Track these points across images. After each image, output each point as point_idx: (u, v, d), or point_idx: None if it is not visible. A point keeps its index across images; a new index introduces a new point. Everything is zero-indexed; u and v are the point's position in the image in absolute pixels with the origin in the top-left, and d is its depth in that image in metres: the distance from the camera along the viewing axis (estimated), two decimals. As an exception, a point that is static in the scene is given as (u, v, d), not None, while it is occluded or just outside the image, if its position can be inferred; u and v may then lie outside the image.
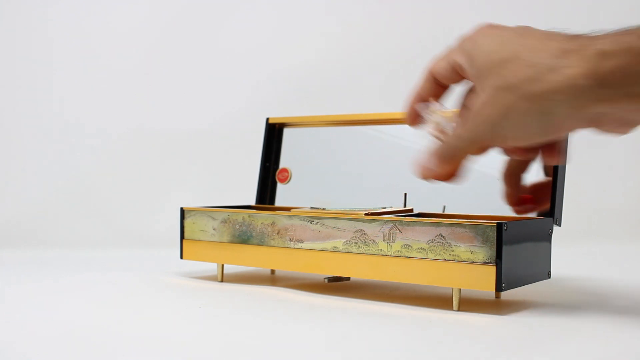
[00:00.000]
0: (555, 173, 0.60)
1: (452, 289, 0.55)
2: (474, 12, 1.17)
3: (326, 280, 0.63)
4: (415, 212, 0.67)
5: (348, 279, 0.63)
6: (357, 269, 0.59)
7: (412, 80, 0.55)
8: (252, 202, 0.81)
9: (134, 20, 1.17)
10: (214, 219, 0.68)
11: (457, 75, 0.51)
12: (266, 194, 0.79)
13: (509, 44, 0.47)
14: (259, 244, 0.65)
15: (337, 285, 0.67)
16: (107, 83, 1.16)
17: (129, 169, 1.13)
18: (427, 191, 0.67)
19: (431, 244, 0.55)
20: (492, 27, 0.49)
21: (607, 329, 0.49)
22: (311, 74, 1.18)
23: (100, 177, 1.12)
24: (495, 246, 0.52)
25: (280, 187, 0.78)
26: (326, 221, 0.60)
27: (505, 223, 0.52)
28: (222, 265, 0.69)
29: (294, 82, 1.17)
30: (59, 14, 1.15)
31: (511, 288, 0.54)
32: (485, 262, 0.52)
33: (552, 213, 0.60)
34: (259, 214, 0.65)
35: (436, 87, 0.53)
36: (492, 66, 0.47)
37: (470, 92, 0.51)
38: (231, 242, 0.67)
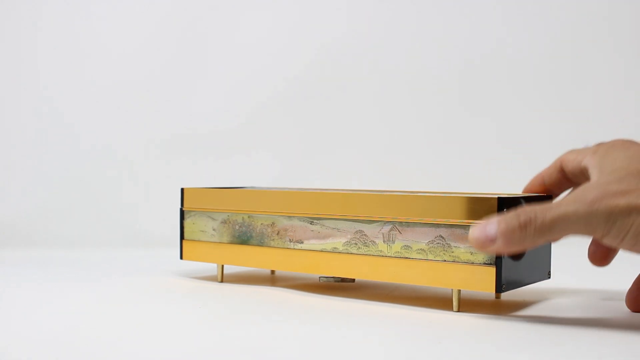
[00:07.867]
0: None
1: (452, 289, 0.55)
2: (472, 17, 1.17)
3: (321, 279, 0.62)
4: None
5: (353, 280, 0.63)
6: (357, 270, 0.59)
7: (406, 88, 0.55)
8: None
9: (133, 20, 1.17)
10: (213, 219, 0.68)
11: (582, 176, 0.52)
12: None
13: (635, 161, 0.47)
14: (258, 245, 0.65)
15: (337, 285, 0.67)
16: (106, 83, 1.16)
17: (128, 169, 1.13)
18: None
19: (431, 245, 0.55)
20: (629, 143, 0.50)
21: (607, 329, 0.49)
22: (307, 74, 1.18)
23: (100, 177, 1.12)
24: (495, 247, 0.52)
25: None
26: (326, 222, 0.60)
27: (505, 224, 0.52)
28: (222, 266, 0.69)
29: (291, 82, 1.17)
30: (57, 15, 1.15)
31: (511, 289, 0.54)
32: (485, 263, 0.52)
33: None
34: (259, 214, 0.65)
35: (561, 178, 0.55)
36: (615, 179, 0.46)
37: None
38: (231, 242, 0.67)
